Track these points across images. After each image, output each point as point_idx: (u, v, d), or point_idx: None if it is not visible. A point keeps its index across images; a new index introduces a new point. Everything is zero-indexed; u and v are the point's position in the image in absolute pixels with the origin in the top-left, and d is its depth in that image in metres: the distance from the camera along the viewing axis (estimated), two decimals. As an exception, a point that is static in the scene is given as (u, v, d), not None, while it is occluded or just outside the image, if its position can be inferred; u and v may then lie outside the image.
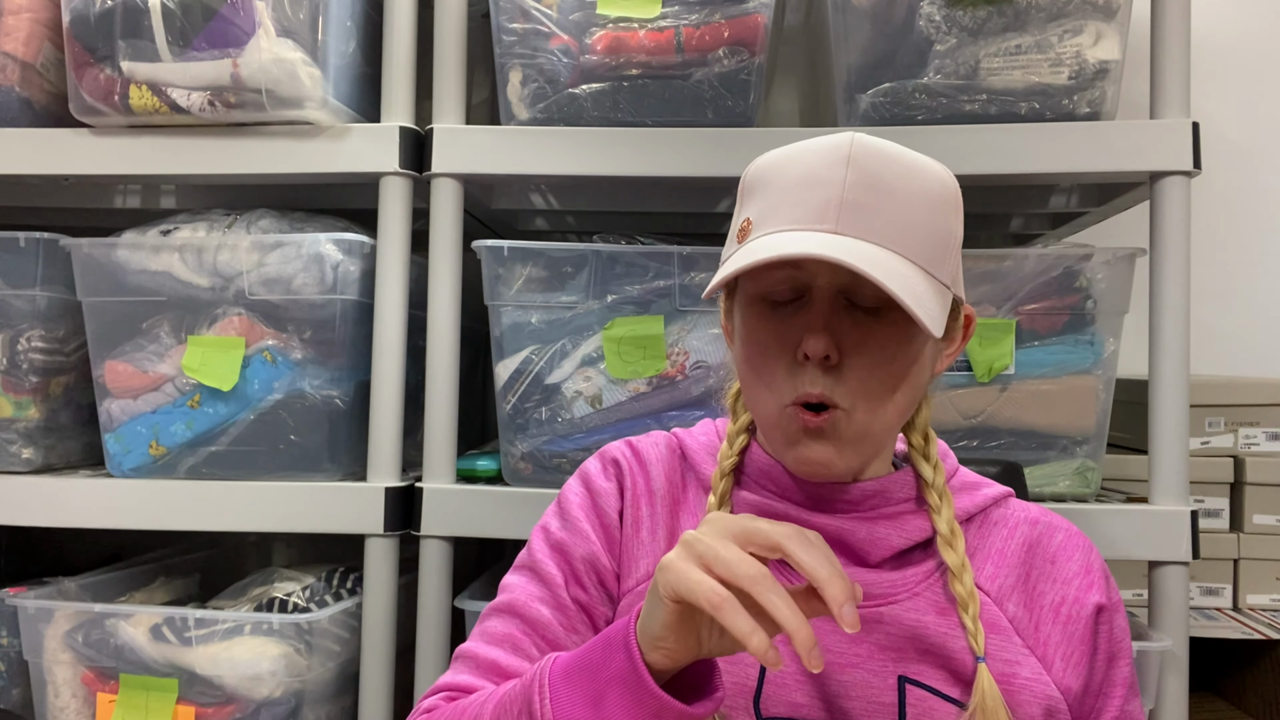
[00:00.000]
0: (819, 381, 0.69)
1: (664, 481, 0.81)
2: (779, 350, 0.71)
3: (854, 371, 0.70)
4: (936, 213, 0.70)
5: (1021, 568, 0.77)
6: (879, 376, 0.70)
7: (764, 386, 0.73)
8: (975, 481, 0.81)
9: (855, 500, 0.76)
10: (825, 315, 0.69)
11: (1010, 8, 1.10)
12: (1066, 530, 0.79)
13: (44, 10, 1.24)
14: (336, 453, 1.19)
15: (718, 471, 0.79)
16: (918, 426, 0.79)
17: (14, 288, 1.22)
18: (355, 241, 1.17)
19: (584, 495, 0.81)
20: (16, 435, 1.22)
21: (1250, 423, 1.48)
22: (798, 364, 0.70)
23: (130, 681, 1.11)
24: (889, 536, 0.75)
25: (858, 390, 0.70)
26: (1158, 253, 1.11)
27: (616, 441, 0.86)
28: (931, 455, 0.77)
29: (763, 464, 0.79)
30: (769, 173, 0.72)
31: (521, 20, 1.16)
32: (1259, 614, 1.44)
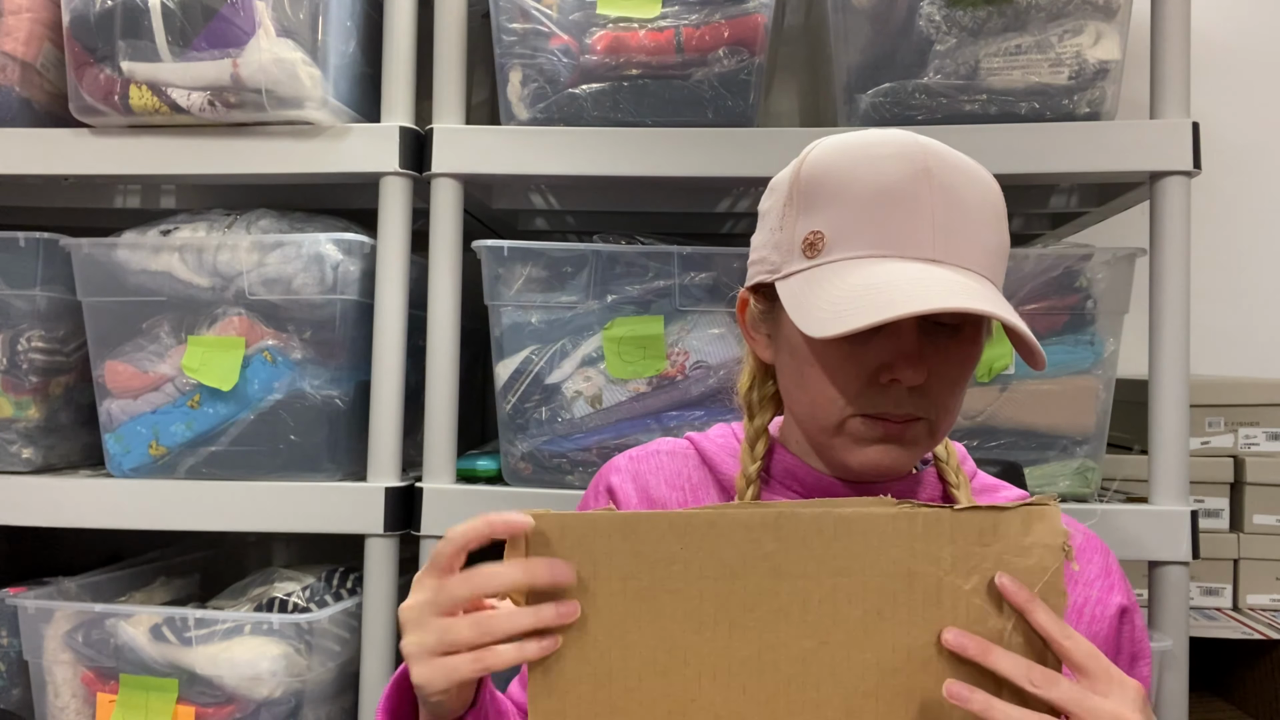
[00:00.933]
0: (905, 403, 0.69)
1: (669, 491, 0.80)
2: (857, 364, 0.70)
3: (937, 390, 0.70)
4: (999, 225, 0.71)
5: None
6: (959, 391, 0.72)
7: (831, 397, 0.71)
8: (993, 484, 0.82)
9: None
10: (917, 343, 0.69)
11: (1010, 8, 1.10)
12: (1084, 533, 0.79)
13: (44, 10, 1.24)
14: (336, 453, 1.19)
15: (742, 477, 0.77)
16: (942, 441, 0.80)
17: (14, 288, 1.22)
18: (355, 241, 1.17)
19: None
20: (16, 435, 1.22)
21: (1250, 423, 1.48)
22: (879, 384, 0.69)
23: (130, 681, 1.11)
24: None
25: (938, 405, 0.71)
26: (1158, 253, 1.11)
27: (618, 457, 0.85)
28: (953, 462, 0.78)
29: (788, 464, 0.78)
30: (836, 178, 0.69)
31: (521, 20, 1.16)
32: (1259, 614, 1.44)
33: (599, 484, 0.84)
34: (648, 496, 0.81)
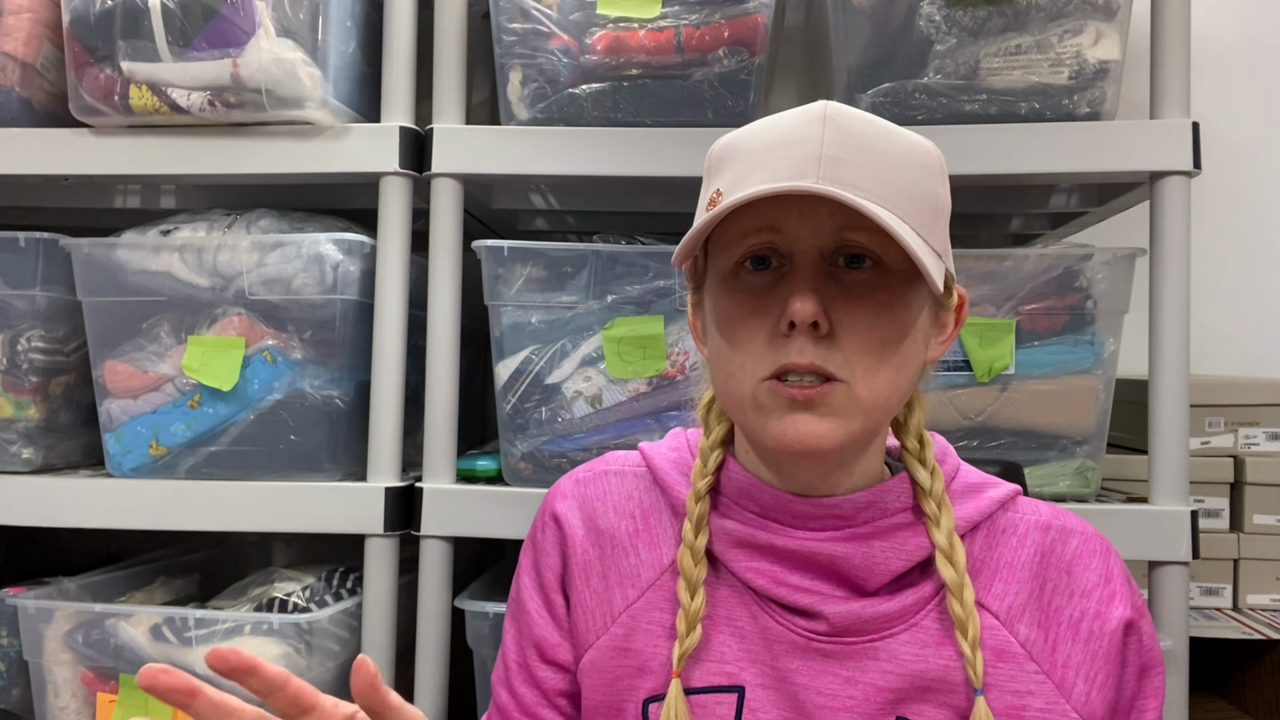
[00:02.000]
0: (808, 350, 0.63)
1: (618, 519, 0.77)
2: (757, 324, 0.65)
3: (847, 340, 0.64)
4: (922, 175, 0.66)
5: (1034, 581, 0.71)
6: (874, 345, 0.64)
7: (738, 365, 0.66)
8: (978, 483, 0.75)
9: (848, 514, 0.70)
10: (811, 279, 0.64)
11: (1010, 8, 1.10)
12: (1082, 534, 0.73)
13: (44, 10, 1.24)
14: (336, 453, 1.19)
15: (692, 494, 0.72)
16: (911, 429, 0.73)
17: (14, 288, 1.22)
18: (355, 241, 1.17)
19: (530, 564, 0.80)
20: (16, 435, 1.22)
21: (1250, 423, 1.48)
22: (781, 336, 0.64)
23: (130, 681, 1.11)
24: (887, 559, 0.69)
25: (854, 360, 0.64)
26: (1158, 253, 1.11)
27: (564, 480, 0.82)
28: (928, 460, 0.71)
29: (741, 482, 0.72)
30: (736, 143, 0.68)
31: (521, 20, 1.16)
32: (1259, 614, 1.44)
33: (545, 511, 0.80)
34: (594, 526, 0.77)
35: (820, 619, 0.69)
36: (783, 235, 0.65)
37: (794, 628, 0.70)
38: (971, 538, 0.72)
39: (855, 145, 0.64)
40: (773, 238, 0.65)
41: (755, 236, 0.66)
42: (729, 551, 0.72)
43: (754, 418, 0.66)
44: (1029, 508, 0.75)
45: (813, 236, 0.65)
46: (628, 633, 0.74)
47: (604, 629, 0.75)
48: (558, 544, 0.78)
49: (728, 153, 0.68)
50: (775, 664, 0.70)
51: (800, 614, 0.70)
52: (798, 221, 0.65)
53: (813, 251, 0.65)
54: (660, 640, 0.73)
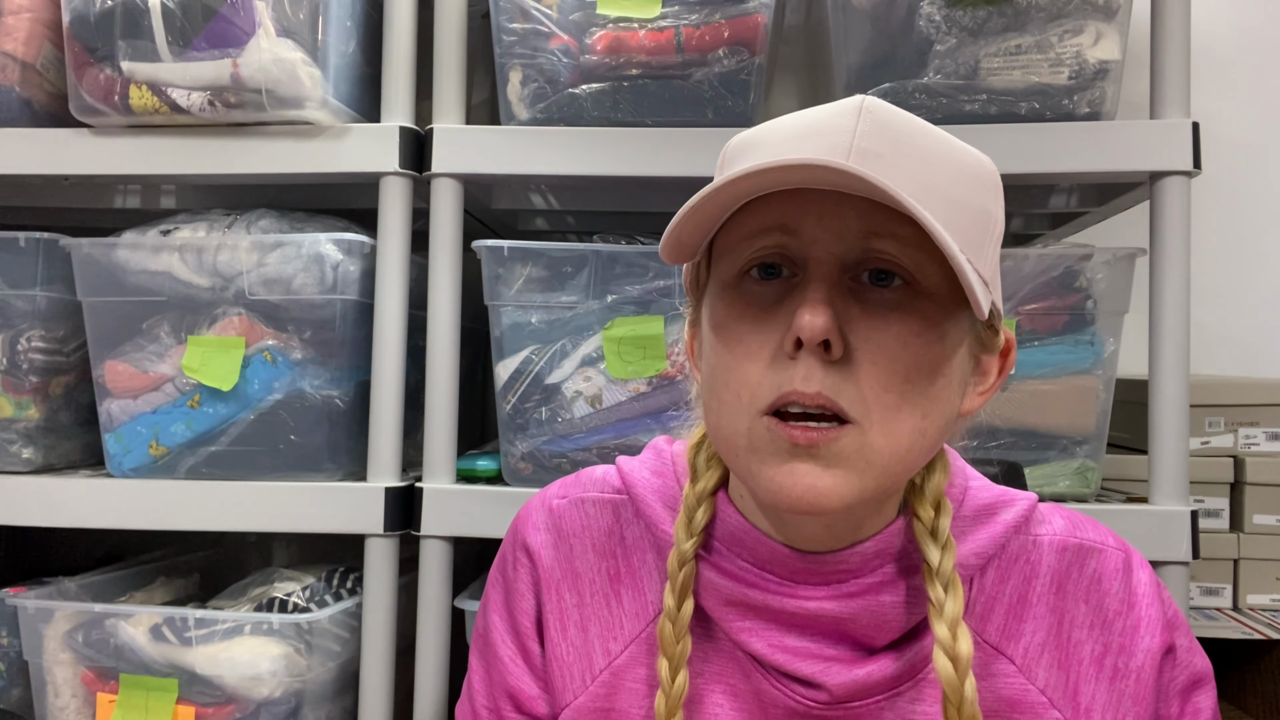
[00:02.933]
0: (816, 377, 0.53)
1: (597, 560, 0.69)
2: (758, 343, 0.55)
3: (865, 370, 0.53)
4: (973, 186, 0.57)
5: (1052, 616, 0.63)
6: (898, 380, 0.54)
7: (732, 393, 0.56)
8: (990, 503, 0.65)
9: (854, 567, 0.61)
10: (826, 290, 0.54)
11: (1010, 8, 1.10)
12: (1101, 551, 0.65)
13: (44, 10, 1.24)
14: (336, 453, 1.19)
15: (675, 556, 0.62)
16: (928, 494, 0.61)
17: (14, 288, 1.22)
18: (355, 241, 1.17)
19: (501, 603, 0.71)
20: (16, 435, 1.22)
21: (1250, 423, 1.48)
22: (786, 358, 0.54)
23: (130, 681, 1.11)
24: (897, 615, 0.61)
25: (871, 397, 0.53)
26: (1158, 253, 1.11)
27: (536, 505, 0.73)
28: (942, 532, 0.60)
29: (734, 527, 0.63)
30: (756, 135, 0.59)
31: (521, 20, 1.16)
32: (1259, 614, 1.44)
33: (516, 539, 0.72)
34: (572, 568, 0.68)
35: (822, 689, 0.62)
36: (798, 239, 0.55)
37: (792, 694, 0.63)
38: (984, 572, 0.64)
39: (895, 140, 0.54)
40: (785, 240, 0.56)
41: (764, 238, 0.56)
42: (720, 609, 0.63)
43: (747, 461, 0.56)
44: (1044, 525, 0.66)
45: (833, 242, 0.55)
46: (609, 692, 0.66)
47: (583, 687, 0.67)
48: (532, 585, 0.70)
49: (744, 145, 0.59)
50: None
51: (799, 681, 0.63)
52: (816, 223, 0.55)
53: (832, 259, 0.55)
54: (645, 700, 0.66)
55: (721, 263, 0.60)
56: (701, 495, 0.64)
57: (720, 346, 0.57)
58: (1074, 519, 0.68)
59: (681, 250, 0.60)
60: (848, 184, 0.52)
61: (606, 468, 0.74)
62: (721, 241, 0.60)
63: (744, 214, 0.58)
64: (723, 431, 0.58)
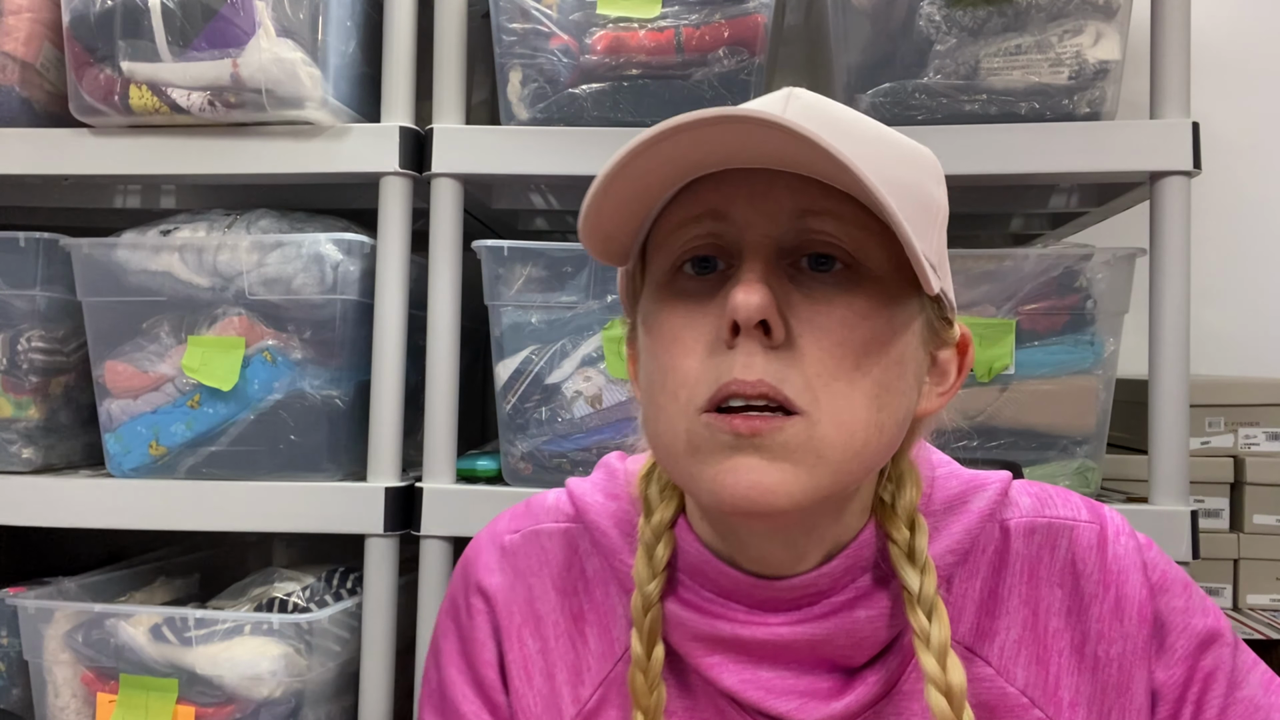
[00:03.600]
0: (756, 363, 0.49)
1: (559, 598, 0.63)
2: (694, 338, 0.51)
3: (810, 354, 0.50)
4: (911, 169, 0.54)
5: (1026, 608, 0.60)
6: (847, 364, 0.50)
7: (669, 394, 0.52)
8: (959, 493, 0.61)
9: (823, 588, 0.57)
10: (761, 270, 0.50)
11: (1010, 8, 1.10)
12: (1072, 528, 0.61)
13: (44, 10, 1.24)
14: (336, 453, 1.19)
15: (639, 601, 0.57)
16: (900, 512, 0.57)
17: (14, 288, 1.22)
18: (355, 241, 1.17)
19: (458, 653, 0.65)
20: (16, 435, 1.22)
21: (1250, 423, 1.48)
22: (724, 349, 0.50)
23: (130, 681, 1.11)
24: (875, 630, 0.56)
25: (818, 385, 0.49)
26: (1158, 253, 1.11)
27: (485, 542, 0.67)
28: (919, 553, 0.55)
29: (693, 557, 0.58)
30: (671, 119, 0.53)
31: (521, 20, 1.16)
32: (1259, 614, 1.44)
33: (468, 583, 0.66)
34: (533, 611, 0.63)
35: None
36: (729, 224, 0.52)
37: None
38: (956, 573, 0.60)
39: (827, 122, 0.51)
40: (716, 228, 0.52)
41: (694, 227, 0.53)
42: (687, 645, 0.59)
43: (688, 465, 0.51)
44: (1011, 508, 0.62)
45: (767, 224, 0.52)
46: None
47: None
48: (491, 632, 0.64)
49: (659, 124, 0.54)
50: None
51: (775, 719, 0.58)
52: (748, 205, 0.52)
53: (767, 243, 0.52)
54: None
55: (654, 263, 0.56)
56: (659, 530, 0.59)
57: (655, 347, 0.53)
58: (1041, 495, 0.63)
59: (610, 247, 0.56)
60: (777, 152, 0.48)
61: (558, 493, 0.68)
62: (652, 242, 0.57)
63: (671, 207, 0.55)
64: (662, 438, 0.53)
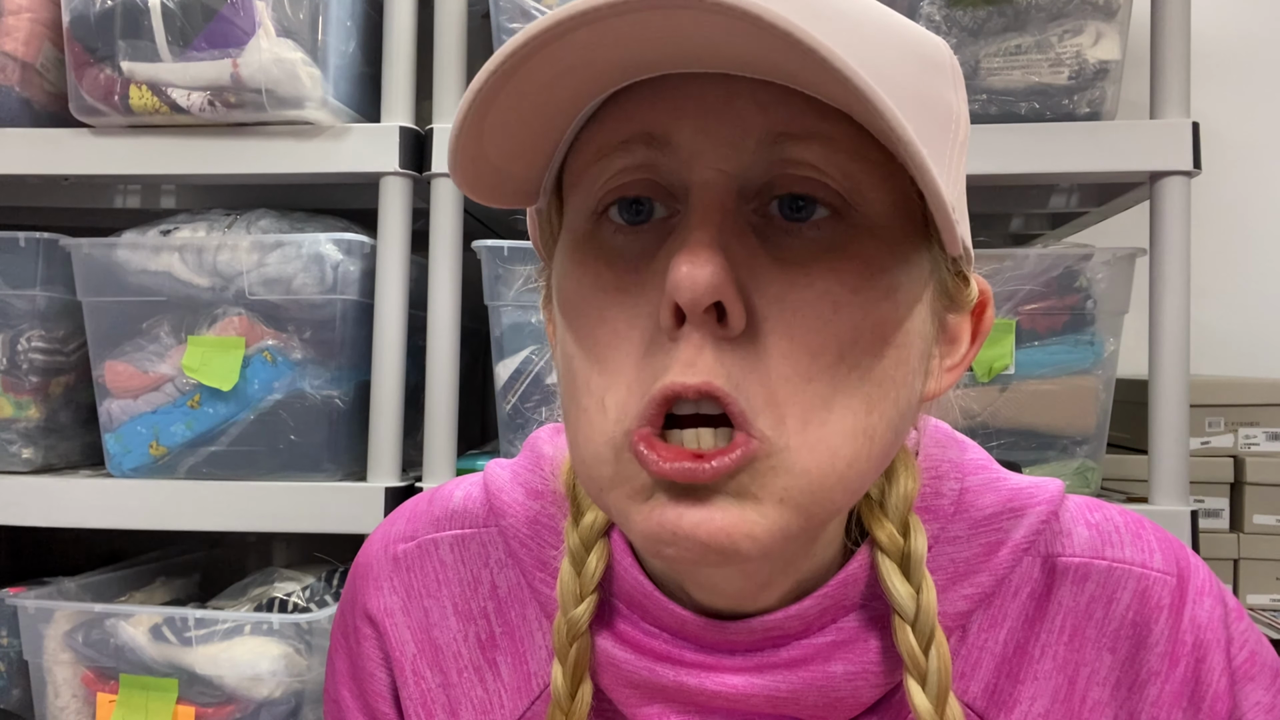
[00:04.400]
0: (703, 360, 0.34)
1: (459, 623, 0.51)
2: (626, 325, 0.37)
3: (778, 350, 0.35)
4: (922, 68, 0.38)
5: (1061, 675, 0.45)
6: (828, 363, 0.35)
7: (595, 400, 0.37)
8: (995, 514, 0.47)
9: (794, 632, 0.43)
10: (714, 228, 0.35)
11: (1010, 8, 1.10)
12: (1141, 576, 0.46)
13: (44, 10, 1.24)
14: (336, 453, 1.19)
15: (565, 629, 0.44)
16: (891, 510, 0.43)
17: (14, 288, 1.22)
18: (355, 241, 1.17)
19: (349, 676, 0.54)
20: (16, 435, 1.22)
21: (1250, 423, 1.48)
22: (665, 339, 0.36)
23: (130, 681, 1.11)
24: (856, 689, 0.43)
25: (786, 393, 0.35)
26: (1158, 253, 1.11)
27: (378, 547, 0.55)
28: (914, 562, 0.42)
29: (631, 586, 0.45)
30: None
31: (521, 20, 1.16)
32: (1259, 614, 1.44)
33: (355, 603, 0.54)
34: (429, 639, 0.51)
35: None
36: (671, 152, 0.36)
37: None
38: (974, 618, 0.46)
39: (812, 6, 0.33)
40: (653, 157, 0.37)
41: (622, 157, 0.37)
42: (620, 690, 0.46)
43: (616, 499, 0.38)
44: (1062, 541, 0.48)
45: (724, 153, 0.36)
46: None
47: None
48: (382, 662, 0.53)
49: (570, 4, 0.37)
50: None
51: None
52: (697, 126, 0.36)
53: (723, 181, 0.36)
54: None
55: (570, 204, 0.41)
56: (589, 538, 0.45)
57: (573, 335, 0.39)
58: (1105, 527, 0.48)
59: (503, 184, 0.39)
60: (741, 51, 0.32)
61: (469, 486, 0.56)
62: (569, 171, 0.41)
63: (592, 125, 0.39)
64: (581, 453, 0.39)
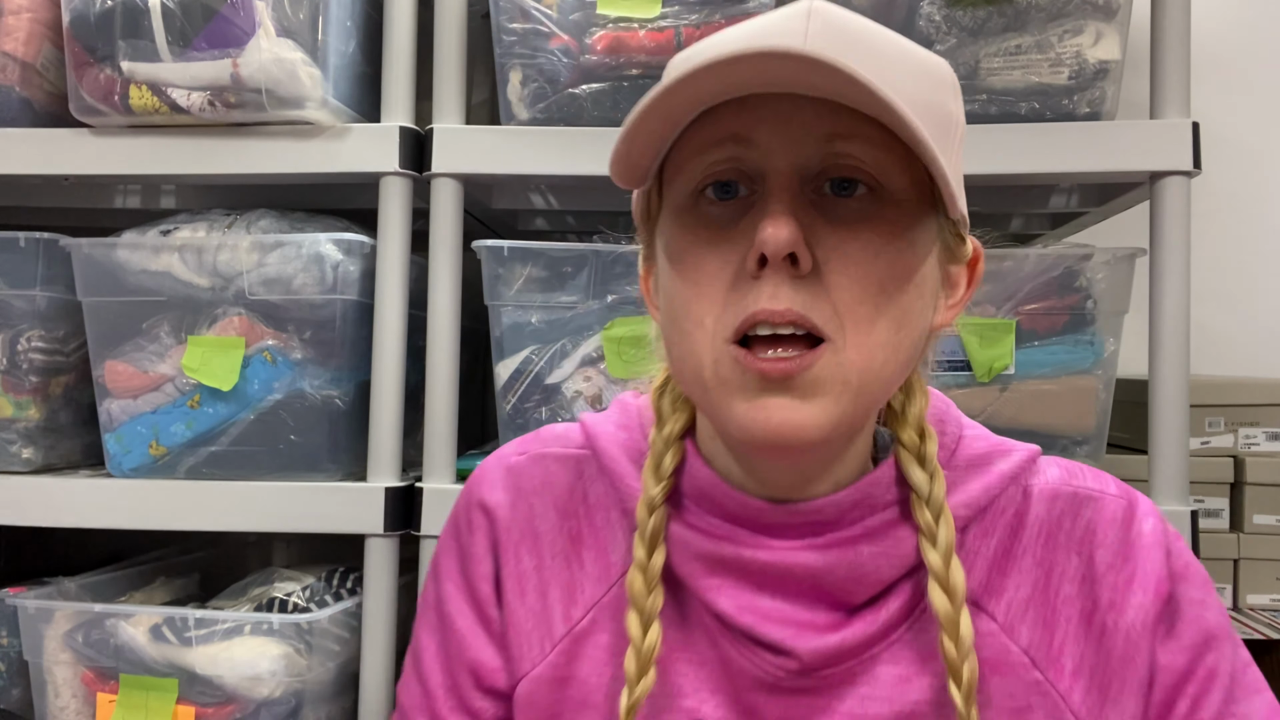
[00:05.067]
0: (784, 293, 0.50)
1: (560, 520, 0.64)
2: (718, 267, 0.52)
3: (836, 283, 0.51)
4: (932, 85, 0.54)
5: (1039, 569, 0.59)
6: (871, 291, 0.51)
7: (694, 321, 0.52)
8: (985, 452, 0.62)
9: (831, 519, 0.57)
10: (789, 201, 0.51)
11: (1010, 8, 1.10)
12: (1099, 499, 0.60)
13: (44, 10, 1.24)
14: (336, 453, 1.19)
15: (644, 502, 0.59)
16: (909, 419, 0.59)
17: (14, 288, 1.22)
18: (355, 241, 1.17)
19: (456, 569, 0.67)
20: (16, 435, 1.22)
21: (1250, 423, 1.48)
22: (749, 279, 0.51)
23: (130, 681, 1.11)
24: (878, 567, 0.57)
25: (844, 311, 0.51)
26: (1158, 253, 1.11)
27: (493, 462, 0.68)
28: (929, 458, 0.58)
29: (702, 481, 0.59)
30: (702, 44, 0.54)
31: (521, 20, 1.16)
32: (1259, 614, 1.44)
33: (471, 499, 0.68)
34: (532, 529, 0.64)
35: (791, 656, 0.58)
36: (752, 149, 0.52)
37: (759, 664, 0.59)
38: (970, 527, 0.60)
39: (849, 39, 0.50)
40: (739, 152, 0.52)
41: (716, 151, 0.52)
42: (687, 565, 0.60)
43: (716, 397, 0.53)
44: (1038, 475, 0.62)
45: (791, 150, 0.52)
46: (569, 660, 0.63)
47: (541, 656, 0.63)
48: (489, 547, 0.66)
49: (689, 55, 0.55)
50: (739, 697, 0.60)
51: (768, 648, 0.58)
52: (772, 130, 0.51)
53: (791, 170, 0.52)
54: (607, 669, 0.62)
55: (673, 186, 0.56)
56: (669, 439, 0.60)
57: (677, 275, 0.54)
58: (1071, 468, 0.63)
59: (632, 173, 0.56)
60: (804, 79, 0.48)
61: (569, 424, 0.70)
62: (672, 163, 0.56)
63: (693, 129, 0.54)
64: (687, 365, 0.54)
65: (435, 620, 0.68)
